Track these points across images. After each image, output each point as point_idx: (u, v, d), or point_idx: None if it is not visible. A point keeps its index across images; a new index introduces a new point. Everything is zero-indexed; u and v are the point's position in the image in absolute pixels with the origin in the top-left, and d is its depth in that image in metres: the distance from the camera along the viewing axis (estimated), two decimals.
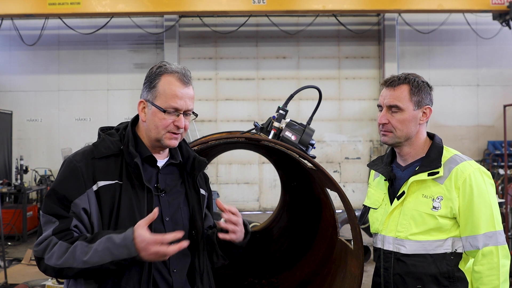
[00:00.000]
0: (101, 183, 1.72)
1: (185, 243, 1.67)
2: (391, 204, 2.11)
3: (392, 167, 2.19)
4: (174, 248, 1.63)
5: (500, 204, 5.96)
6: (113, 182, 1.74)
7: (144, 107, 1.83)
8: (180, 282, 1.82)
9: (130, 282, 1.70)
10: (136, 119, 1.92)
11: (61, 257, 1.63)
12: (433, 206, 1.99)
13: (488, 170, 10.09)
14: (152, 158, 1.84)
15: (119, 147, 1.79)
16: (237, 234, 1.84)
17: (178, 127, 1.81)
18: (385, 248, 2.11)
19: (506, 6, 9.57)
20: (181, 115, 1.81)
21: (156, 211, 1.66)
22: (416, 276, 2.01)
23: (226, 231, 1.84)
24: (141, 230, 1.61)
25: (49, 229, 1.67)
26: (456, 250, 2.01)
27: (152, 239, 1.61)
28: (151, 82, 1.82)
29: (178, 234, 1.66)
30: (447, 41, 11.43)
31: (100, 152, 1.77)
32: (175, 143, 1.84)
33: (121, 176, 1.75)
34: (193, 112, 1.87)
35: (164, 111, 1.78)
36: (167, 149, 1.91)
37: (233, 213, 1.83)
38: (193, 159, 1.94)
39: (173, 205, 1.85)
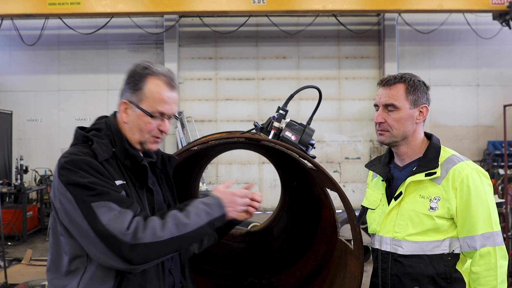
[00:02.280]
0: (117, 182, 1.69)
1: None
2: (388, 204, 2.11)
3: (390, 167, 2.18)
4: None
5: (500, 204, 5.96)
6: (123, 182, 1.72)
7: (126, 108, 1.78)
8: (178, 279, 1.86)
9: (152, 281, 1.71)
10: (114, 116, 1.85)
11: (163, 229, 1.60)
12: (430, 207, 1.98)
13: (488, 170, 10.04)
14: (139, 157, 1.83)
15: (111, 149, 1.75)
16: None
17: (162, 132, 1.79)
18: (382, 249, 2.11)
19: (506, 6, 9.58)
20: (166, 120, 1.79)
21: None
22: (413, 277, 2.01)
23: None
24: (221, 187, 1.85)
25: (122, 213, 1.58)
26: (453, 250, 2.00)
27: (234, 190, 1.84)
28: (135, 83, 1.76)
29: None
30: (447, 41, 11.44)
31: (102, 156, 1.70)
32: (156, 147, 1.84)
33: (124, 177, 1.74)
34: (175, 115, 1.85)
35: (151, 116, 1.75)
36: None
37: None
38: (162, 156, 1.95)
39: (158, 203, 1.85)
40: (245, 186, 1.94)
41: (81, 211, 1.57)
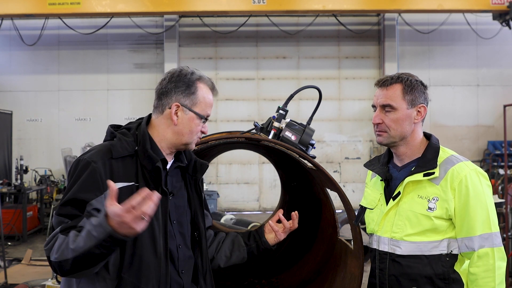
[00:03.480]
0: (119, 185, 1.68)
1: (157, 194, 1.54)
2: (386, 204, 2.10)
3: (389, 167, 2.18)
4: (151, 206, 1.51)
5: (500, 204, 5.95)
6: (131, 184, 1.73)
7: (177, 111, 1.82)
8: (188, 282, 1.87)
9: (149, 283, 1.70)
10: (148, 119, 1.90)
11: (58, 250, 1.59)
12: (428, 207, 1.98)
13: (488, 170, 9.97)
14: (165, 161, 1.84)
15: (134, 148, 1.78)
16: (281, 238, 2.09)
17: (203, 133, 1.89)
18: (380, 249, 2.10)
19: (506, 6, 9.58)
20: (206, 122, 1.90)
21: (113, 185, 1.54)
22: (411, 277, 2.00)
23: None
24: (111, 205, 1.50)
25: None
26: (451, 251, 1.99)
27: (123, 206, 1.50)
28: (188, 87, 1.83)
29: (147, 191, 1.53)
30: (447, 41, 11.44)
31: (118, 152, 1.74)
32: (194, 146, 1.92)
33: (137, 177, 1.75)
34: None
35: (205, 119, 1.86)
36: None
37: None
38: (195, 162, 1.97)
39: (179, 208, 1.88)
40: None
41: None
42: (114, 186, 1.53)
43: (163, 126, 1.84)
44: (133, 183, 1.73)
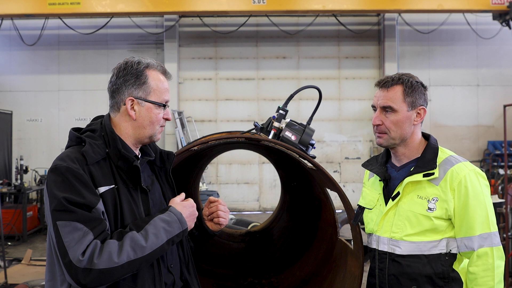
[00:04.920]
0: (102, 189, 1.66)
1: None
2: (386, 204, 2.10)
3: (387, 167, 2.18)
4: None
5: (500, 204, 5.95)
6: (111, 186, 1.69)
7: (133, 105, 1.77)
8: (177, 275, 1.86)
9: (145, 284, 1.69)
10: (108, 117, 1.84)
11: (120, 254, 1.56)
12: (428, 207, 1.98)
13: (488, 170, 9.92)
14: (137, 158, 1.82)
15: (105, 150, 1.73)
16: (226, 220, 2.03)
17: (166, 120, 1.84)
18: (380, 249, 2.10)
19: (506, 6, 9.59)
20: (167, 108, 1.84)
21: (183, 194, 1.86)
22: (411, 276, 2.01)
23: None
24: (179, 200, 1.81)
25: (85, 236, 1.55)
26: (450, 250, 2.00)
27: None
28: (137, 78, 1.78)
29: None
30: (447, 41, 11.44)
31: (92, 158, 1.67)
32: (160, 137, 1.87)
33: (115, 179, 1.71)
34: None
35: (164, 106, 1.80)
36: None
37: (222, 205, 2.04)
38: (160, 153, 1.95)
39: (157, 202, 1.86)
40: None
41: (52, 225, 1.59)
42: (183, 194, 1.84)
43: (124, 124, 1.79)
44: (113, 185, 1.70)
